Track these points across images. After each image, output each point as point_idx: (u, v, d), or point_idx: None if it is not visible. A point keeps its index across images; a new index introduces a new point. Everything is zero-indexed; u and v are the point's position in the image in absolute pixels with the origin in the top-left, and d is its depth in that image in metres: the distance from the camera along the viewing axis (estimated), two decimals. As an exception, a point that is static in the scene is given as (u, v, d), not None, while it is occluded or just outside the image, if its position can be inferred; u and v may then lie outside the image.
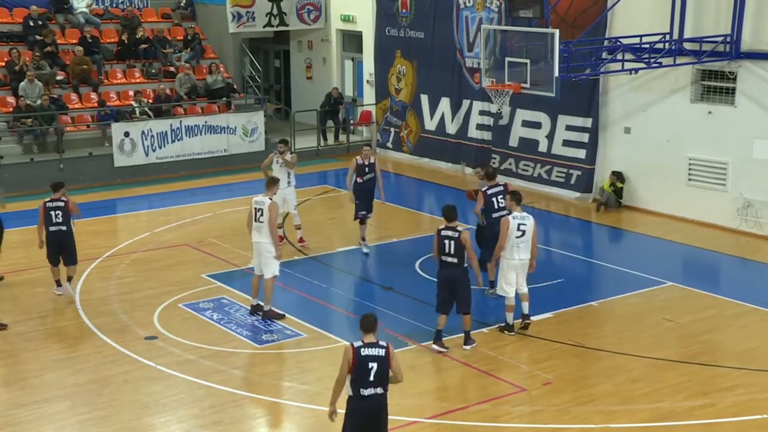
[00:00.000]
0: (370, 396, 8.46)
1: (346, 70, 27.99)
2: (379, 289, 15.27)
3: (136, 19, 26.72)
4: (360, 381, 8.43)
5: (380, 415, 8.61)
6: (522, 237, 12.76)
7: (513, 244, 12.77)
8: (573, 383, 11.63)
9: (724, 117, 18.20)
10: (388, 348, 8.54)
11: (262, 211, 13.38)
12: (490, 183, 14.39)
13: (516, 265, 12.89)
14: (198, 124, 23.95)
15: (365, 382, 8.43)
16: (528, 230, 12.79)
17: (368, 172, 16.81)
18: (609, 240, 18.93)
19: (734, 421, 10.64)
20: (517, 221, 12.79)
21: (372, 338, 8.54)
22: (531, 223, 12.85)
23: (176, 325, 13.46)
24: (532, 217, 13.02)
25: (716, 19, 17.88)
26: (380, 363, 8.42)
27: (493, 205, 14.21)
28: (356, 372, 8.42)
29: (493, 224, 13.97)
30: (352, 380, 8.48)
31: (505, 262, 12.93)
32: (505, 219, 12.90)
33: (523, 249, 12.83)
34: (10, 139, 22.58)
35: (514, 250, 12.80)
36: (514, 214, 12.87)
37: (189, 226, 18.91)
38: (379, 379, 8.46)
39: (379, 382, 8.47)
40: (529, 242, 12.83)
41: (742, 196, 18.04)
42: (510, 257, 12.85)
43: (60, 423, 10.69)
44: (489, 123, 23.12)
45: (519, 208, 12.98)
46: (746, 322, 13.72)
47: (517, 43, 16.93)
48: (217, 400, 11.16)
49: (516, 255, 12.83)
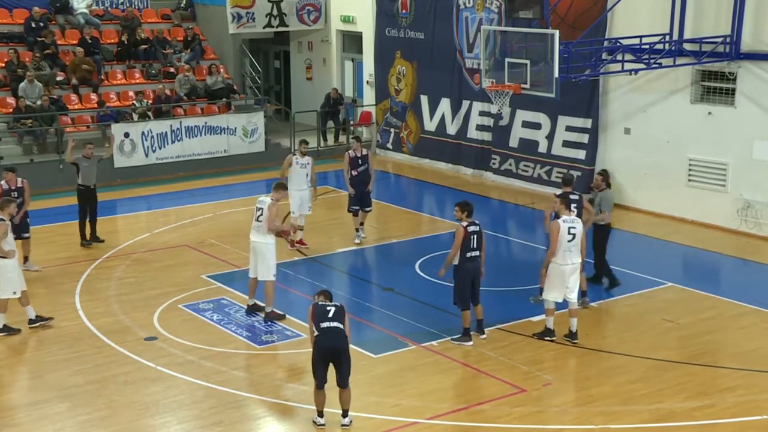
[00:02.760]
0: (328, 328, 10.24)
1: (346, 70, 28.00)
2: (379, 290, 15.27)
3: (136, 19, 26.73)
4: (321, 318, 10.29)
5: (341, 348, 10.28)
6: (573, 240, 12.56)
7: (565, 249, 12.55)
8: (573, 384, 11.64)
9: (724, 118, 18.20)
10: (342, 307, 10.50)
11: (262, 211, 13.40)
12: (566, 189, 13.83)
13: (568, 270, 12.63)
14: (198, 125, 23.95)
15: (324, 318, 10.27)
16: (578, 233, 12.60)
17: (362, 164, 16.95)
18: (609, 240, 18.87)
19: (734, 421, 10.64)
20: (567, 225, 12.58)
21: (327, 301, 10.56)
22: (580, 227, 12.69)
23: (176, 326, 13.46)
24: (581, 221, 12.91)
25: (716, 20, 17.88)
26: (336, 308, 10.41)
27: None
28: (316, 316, 10.29)
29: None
30: (314, 322, 10.28)
31: (555, 267, 12.66)
32: (555, 223, 12.65)
33: (574, 253, 12.64)
34: (10, 139, 22.58)
35: (566, 254, 12.57)
36: (564, 218, 12.68)
37: (189, 227, 18.91)
38: (336, 316, 10.34)
39: (336, 318, 10.32)
40: (578, 246, 12.64)
41: (742, 196, 18.04)
42: (563, 262, 12.60)
43: (60, 423, 10.68)
44: (489, 124, 23.12)
45: (568, 211, 12.81)
46: (746, 323, 13.71)
47: (517, 43, 16.93)
48: (218, 401, 11.16)
49: (569, 259, 12.59)
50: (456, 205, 12.78)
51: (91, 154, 17.32)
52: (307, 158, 16.92)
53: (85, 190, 17.31)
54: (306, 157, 16.90)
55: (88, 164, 17.25)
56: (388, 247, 17.55)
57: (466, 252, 12.47)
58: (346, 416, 10.47)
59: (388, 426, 10.54)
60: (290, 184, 16.55)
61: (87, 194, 17.34)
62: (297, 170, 16.78)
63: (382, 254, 17.30)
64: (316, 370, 10.32)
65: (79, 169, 17.21)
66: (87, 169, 17.23)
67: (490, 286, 13.97)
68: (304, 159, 16.84)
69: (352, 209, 17.32)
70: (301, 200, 16.83)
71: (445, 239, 17.01)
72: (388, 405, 11.02)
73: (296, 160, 16.81)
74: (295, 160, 16.81)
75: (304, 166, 16.82)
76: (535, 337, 12.91)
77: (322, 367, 10.28)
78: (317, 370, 10.30)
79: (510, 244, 18.05)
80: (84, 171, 17.21)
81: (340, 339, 10.23)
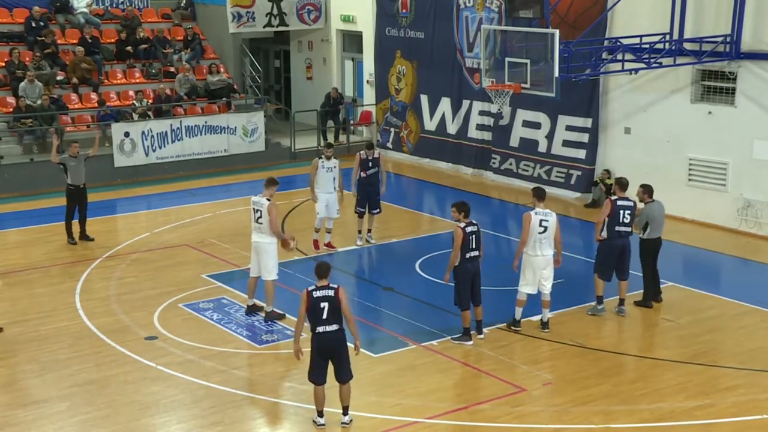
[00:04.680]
0: (324, 333, 10.06)
1: (346, 70, 27.99)
2: (379, 289, 15.27)
3: (137, 19, 26.73)
4: (315, 320, 10.05)
5: (338, 347, 10.15)
6: (544, 233, 12.84)
7: (535, 240, 12.85)
8: (573, 383, 11.63)
9: (724, 117, 18.20)
10: (338, 289, 10.12)
11: (261, 213, 13.39)
12: (621, 194, 13.82)
13: (539, 261, 12.92)
14: (198, 125, 23.95)
15: (319, 320, 10.03)
16: (550, 226, 12.86)
17: (372, 166, 16.87)
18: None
19: (734, 421, 10.64)
20: (539, 217, 12.85)
21: (324, 282, 10.15)
22: (553, 219, 12.91)
23: (176, 326, 13.46)
24: (554, 214, 13.05)
25: (716, 19, 17.88)
26: (331, 302, 9.98)
27: (618, 218, 13.59)
28: (311, 313, 10.03)
29: (613, 238, 13.63)
30: (309, 320, 10.05)
31: (526, 258, 12.99)
32: (527, 214, 12.97)
33: (545, 245, 12.90)
34: (10, 139, 22.58)
35: (536, 245, 12.87)
36: (536, 210, 12.92)
37: (189, 227, 18.90)
38: (332, 316, 10.01)
39: (333, 320, 10.03)
40: (551, 238, 12.91)
41: (742, 196, 18.04)
42: (533, 253, 12.91)
43: (60, 423, 10.68)
44: (489, 123, 23.12)
45: (542, 204, 13.01)
46: (746, 322, 13.71)
47: (518, 43, 16.93)
48: (218, 401, 11.16)
49: (539, 251, 12.89)
50: (453, 206, 12.82)
51: (77, 152, 17.29)
52: (334, 161, 16.67)
53: (75, 190, 17.31)
54: (332, 159, 16.66)
55: (75, 163, 17.23)
56: (388, 247, 17.55)
57: (466, 252, 12.49)
58: (346, 414, 10.47)
59: (388, 425, 10.54)
60: (317, 187, 16.49)
61: (77, 194, 17.35)
62: (323, 174, 16.52)
63: (382, 254, 17.30)
64: (314, 366, 10.30)
65: (67, 169, 17.20)
66: (74, 168, 17.23)
67: (490, 285, 13.98)
68: (330, 162, 16.58)
69: (358, 211, 17.18)
70: (327, 203, 16.58)
71: (445, 239, 16.99)
72: (388, 404, 11.02)
73: (322, 164, 16.53)
74: (321, 164, 16.55)
75: (331, 170, 16.57)
76: (505, 326, 13.24)
77: (320, 364, 10.27)
78: (315, 367, 10.29)
79: (510, 244, 18.02)
80: (72, 170, 17.21)
81: (337, 339, 10.19)
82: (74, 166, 17.21)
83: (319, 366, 10.27)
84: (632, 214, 13.70)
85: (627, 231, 13.70)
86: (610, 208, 13.61)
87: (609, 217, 13.62)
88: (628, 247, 13.79)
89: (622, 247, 13.69)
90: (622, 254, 13.73)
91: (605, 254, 13.76)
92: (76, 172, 17.25)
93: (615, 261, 13.73)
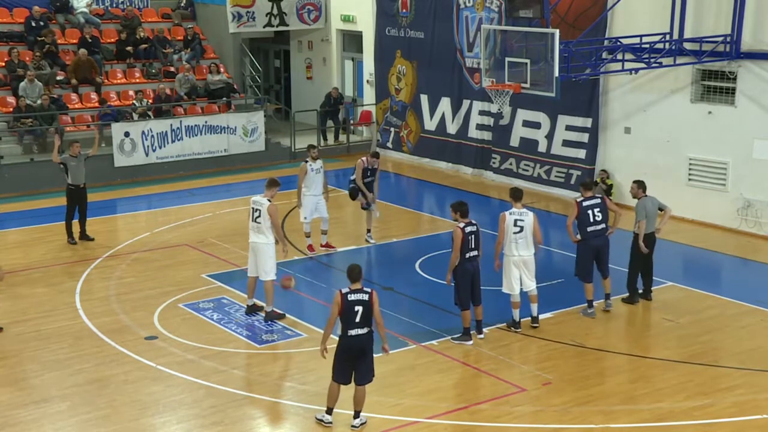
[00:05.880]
0: (356, 336, 9.98)
1: (346, 70, 28.00)
2: (379, 289, 15.25)
3: (137, 19, 26.72)
4: (347, 322, 9.95)
5: (364, 351, 10.13)
6: (520, 233, 12.85)
7: (511, 240, 12.88)
8: (573, 383, 11.63)
9: (724, 117, 18.20)
10: (372, 293, 10.05)
11: (260, 212, 13.38)
12: (586, 194, 13.82)
13: (516, 261, 12.96)
14: (198, 124, 23.95)
15: (351, 323, 9.94)
16: (526, 226, 12.85)
17: (370, 176, 16.88)
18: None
19: (734, 421, 10.64)
20: (513, 217, 12.87)
21: (358, 285, 10.06)
22: (529, 219, 12.90)
23: (176, 325, 13.46)
24: (532, 213, 13.05)
25: (716, 19, 17.88)
26: (365, 306, 9.95)
27: (588, 218, 13.57)
28: (344, 314, 9.92)
29: (587, 239, 13.62)
30: (341, 321, 9.94)
31: (506, 259, 13.04)
32: (502, 215, 13.00)
33: (521, 245, 12.91)
34: (10, 139, 22.58)
35: (512, 246, 12.90)
36: (512, 210, 12.95)
37: (189, 226, 18.91)
38: (364, 320, 9.97)
39: (364, 323, 9.98)
40: (527, 238, 12.89)
41: (742, 196, 18.05)
42: (509, 253, 12.96)
43: (60, 423, 10.68)
44: (489, 123, 23.12)
45: (519, 204, 13.02)
46: (746, 322, 13.71)
47: (517, 43, 16.93)
48: (218, 401, 11.16)
49: (515, 251, 12.92)
50: (450, 207, 12.85)
51: (78, 152, 17.30)
52: (320, 162, 16.65)
53: (75, 190, 17.32)
54: (318, 161, 16.61)
55: (76, 163, 17.24)
56: (388, 247, 17.56)
57: (465, 252, 12.50)
58: (357, 417, 10.39)
59: (388, 425, 10.54)
60: (306, 191, 16.42)
61: (77, 194, 17.35)
62: (312, 176, 16.43)
63: (382, 253, 17.31)
64: (338, 367, 10.22)
65: (67, 169, 17.20)
66: (75, 168, 17.23)
67: (490, 285, 13.97)
68: (317, 164, 16.53)
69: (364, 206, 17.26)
70: (316, 205, 16.52)
71: (445, 238, 16.98)
72: (388, 404, 11.02)
73: (310, 166, 16.44)
74: (309, 167, 16.44)
75: (318, 171, 16.51)
76: (505, 326, 13.26)
77: (346, 366, 10.19)
78: (340, 368, 10.21)
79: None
80: (72, 170, 17.21)
81: (367, 341, 10.16)
82: (75, 166, 17.22)
83: (345, 367, 10.19)
84: (603, 210, 13.64)
85: (601, 229, 13.65)
86: (577, 210, 13.59)
87: (577, 219, 13.62)
88: (606, 246, 13.76)
89: (598, 247, 13.66)
90: (599, 253, 13.71)
91: (582, 256, 13.76)
92: (76, 172, 17.26)
93: (593, 261, 13.71)
